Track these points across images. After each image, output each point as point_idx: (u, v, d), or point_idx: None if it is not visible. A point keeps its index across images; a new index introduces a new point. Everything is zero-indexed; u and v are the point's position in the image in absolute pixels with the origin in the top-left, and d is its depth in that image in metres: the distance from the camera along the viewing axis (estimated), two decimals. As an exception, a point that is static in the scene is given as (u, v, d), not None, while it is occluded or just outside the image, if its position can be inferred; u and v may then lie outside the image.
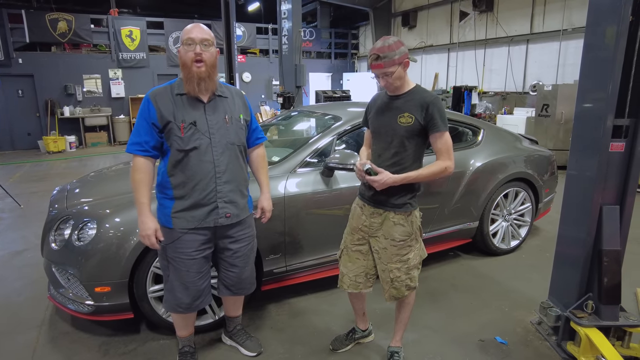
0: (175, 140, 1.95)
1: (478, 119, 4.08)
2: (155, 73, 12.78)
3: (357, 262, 2.25)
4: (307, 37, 15.07)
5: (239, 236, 2.18)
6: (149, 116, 1.95)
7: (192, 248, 2.05)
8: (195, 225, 2.02)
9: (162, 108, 1.94)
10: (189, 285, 2.10)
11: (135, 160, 1.98)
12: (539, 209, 4.03)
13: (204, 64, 1.92)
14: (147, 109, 1.95)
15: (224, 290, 2.29)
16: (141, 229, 1.96)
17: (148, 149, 1.96)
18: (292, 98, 8.66)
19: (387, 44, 1.92)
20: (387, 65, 1.93)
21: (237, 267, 2.22)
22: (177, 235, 2.03)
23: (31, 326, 2.79)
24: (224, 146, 2.03)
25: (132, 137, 1.98)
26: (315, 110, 4.05)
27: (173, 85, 2.02)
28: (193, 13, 15.54)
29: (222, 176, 2.03)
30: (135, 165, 1.97)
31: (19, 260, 3.87)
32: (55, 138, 10.91)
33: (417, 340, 2.61)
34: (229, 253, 2.18)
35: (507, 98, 10.52)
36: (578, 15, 8.92)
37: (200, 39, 1.91)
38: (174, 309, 2.17)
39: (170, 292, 2.13)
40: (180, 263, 2.06)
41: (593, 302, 2.32)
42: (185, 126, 1.94)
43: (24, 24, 10.84)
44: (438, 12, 12.63)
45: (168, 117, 1.94)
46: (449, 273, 3.53)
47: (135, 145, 1.96)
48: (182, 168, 1.98)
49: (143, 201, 1.96)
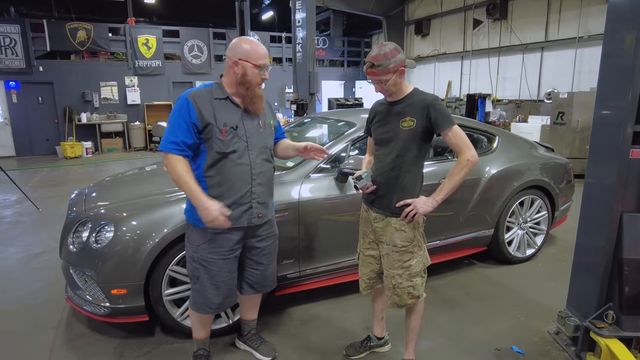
0: (216, 143, 2.00)
1: (493, 126, 4.05)
2: (170, 80, 12.99)
3: (370, 266, 2.29)
4: (320, 46, 15.16)
5: (266, 235, 2.25)
6: (188, 116, 1.96)
7: (226, 247, 2.11)
8: (230, 225, 2.06)
9: (203, 109, 1.98)
10: (221, 285, 2.15)
11: (170, 158, 1.96)
12: (555, 217, 3.97)
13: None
14: (187, 109, 1.96)
15: (247, 288, 2.33)
16: (206, 215, 1.93)
17: (184, 148, 1.98)
18: (305, 105, 8.70)
19: (383, 52, 1.93)
20: (381, 74, 1.95)
21: (263, 265, 2.29)
22: (211, 235, 2.07)
23: (48, 327, 2.83)
24: (259, 150, 2.12)
25: (168, 136, 1.97)
26: (329, 116, 4.06)
27: (210, 89, 2.06)
28: (208, 22, 15.77)
29: (257, 178, 2.11)
30: (172, 162, 1.96)
31: (37, 263, 3.94)
32: (72, 144, 11.12)
33: (432, 349, 2.58)
34: (256, 251, 2.24)
35: (521, 106, 10.42)
36: (594, 23, 8.82)
37: (268, 65, 2.05)
38: (204, 310, 2.20)
39: (200, 293, 2.15)
40: (213, 263, 2.10)
41: (614, 312, 2.27)
42: (227, 130, 2.01)
43: (45, 33, 11.16)
44: (451, 20, 12.61)
45: (209, 119, 1.98)
46: (464, 281, 3.49)
47: (172, 144, 1.96)
48: (219, 169, 2.03)
49: (195, 188, 1.94)
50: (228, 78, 2.06)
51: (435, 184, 2.98)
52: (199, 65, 13.21)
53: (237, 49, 2.01)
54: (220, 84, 2.08)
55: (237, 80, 2.02)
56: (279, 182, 2.78)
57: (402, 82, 2.04)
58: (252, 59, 1.99)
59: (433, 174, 3.11)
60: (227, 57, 2.05)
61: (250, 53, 1.99)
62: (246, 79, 2.01)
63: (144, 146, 12.60)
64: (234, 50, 2.01)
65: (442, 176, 3.14)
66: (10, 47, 10.91)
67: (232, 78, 2.04)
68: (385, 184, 2.10)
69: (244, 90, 2.03)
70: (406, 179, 2.06)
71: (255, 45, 2.02)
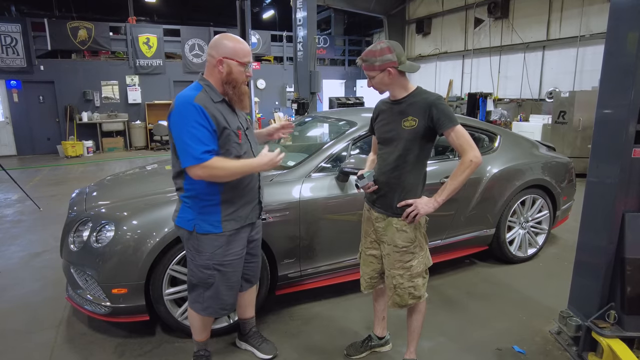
0: (234, 147, 1.98)
1: (495, 125, 4.04)
2: (171, 80, 12.98)
3: (371, 265, 2.28)
4: (321, 45, 15.15)
5: (258, 226, 2.31)
6: (208, 123, 1.87)
7: (241, 246, 2.13)
8: (242, 223, 2.09)
9: (215, 115, 1.90)
10: (234, 285, 2.17)
11: (211, 163, 1.85)
12: (556, 216, 3.96)
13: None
14: (205, 117, 1.86)
15: (245, 284, 2.35)
16: (263, 163, 1.94)
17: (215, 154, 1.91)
18: (306, 104, 8.69)
19: (373, 49, 1.96)
20: (367, 69, 1.99)
21: (257, 257, 2.36)
22: (225, 238, 2.05)
23: (49, 326, 2.83)
24: (256, 146, 2.18)
25: (198, 146, 1.83)
26: (330, 115, 4.06)
27: (205, 92, 1.94)
28: (209, 21, 15.78)
29: (260, 175, 2.19)
30: (214, 165, 1.86)
31: (38, 262, 3.94)
32: (73, 143, 11.13)
33: (433, 348, 2.57)
34: (253, 244, 2.28)
35: (522, 105, 10.39)
36: (596, 21, 8.80)
37: (252, 61, 2.04)
38: (218, 313, 2.21)
39: (214, 298, 2.13)
40: (229, 265, 2.10)
41: (615, 312, 2.26)
42: (242, 132, 2.03)
43: (46, 32, 11.15)
44: (453, 19, 12.59)
45: (223, 123, 1.93)
46: (465, 281, 3.49)
47: (208, 153, 1.85)
48: None
49: (246, 162, 1.97)
50: (213, 78, 1.98)
51: (436, 183, 2.98)
52: (199, 65, 13.20)
53: (221, 47, 1.93)
54: (212, 85, 1.98)
55: (222, 79, 1.95)
56: (279, 182, 2.78)
57: (401, 81, 2.02)
58: (237, 57, 1.94)
59: (434, 174, 3.09)
60: (210, 56, 1.96)
61: (236, 51, 1.93)
62: (232, 77, 1.94)
63: (144, 145, 12.61)
64: (217, 49, 1.93)
65: (443, 175, 3.13)
66: (11, 46, 10.92)
67: (217, 77, 1.96)
68: (387, 184, 2.09)
69: (230, 89, 1.97)
70: (408, 179, 2.05)
71: (239, 43, 1.96)
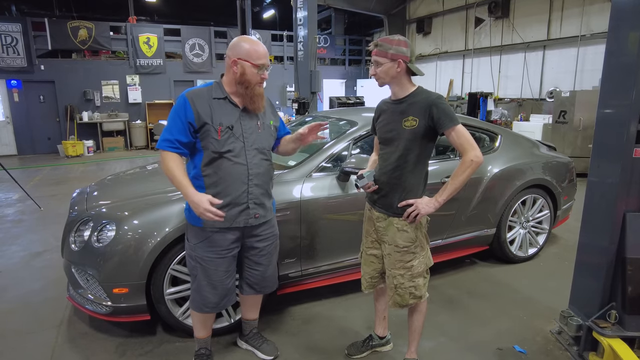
0: (212, 143, 2.01)
1: (495, 125, 4.04)
2: (171, 79, 12.97)
3: (372, 265, 2.28)
4: (321, 44, 15.15)
5: (265, 235, 2.24)
6: (185, 115, 1.99)
7: (223, 247, 2.11)
8: (227, 225, 2.08)
9: (200, 109, 1.99)
10: (217, 285, 2.15)
11: (164, 155, 2.01)
12: (557, 216, 3.96)
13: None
14: (184, 108, 1.99)
15: (247, 289, 2.33)
16: (196, 207, 1.93)
17: (179, 146, 2.01)
18: (307, 104, 8.69)
19: (391, 38, 1.98)
20: (378, 54, 1.98)
21: (262, 265, 2.28)
22: (207, 234, 2.08)
23: (50, 326, 2.83)
24: (256, 150, 2.12)
25: (165, 134, 2.01)
26: (331, 115, 4.05)
27: (210, 88, 2.07)
28: (209, 20, 15.77)
29: (253, 179, 2.10)
30: (165, 158, 2.00)
31: (39, 261, 3.95)
32: (74, 142, 11.13)
33: (433, 348, 2.57)
34: (255, 252, 2.23)
35: (523, 105, 10.38)
36: (597, 21, 8.78)
37: (268, 64, 2.05)
38: (201, 309, 2.20)
39: (198, 292, 2.16)
40: (210, 262, 2.11)
41: (616, 312, 2.26)
42: (223, 129, 2.02)
43: (46, 32, 11.14)
44: (453, 18, 12.57)
45: (205, 118, 1.99)
46: (466, 280, 3.49)
47: (167, 142, 2.00)
48: (216, 168, 2.04)
49: (184, 183, 1.97)
50: (227, 77, 2.08)
51: (437, 183, 2.97)
52: (200, 64, 13.21)
53: (237, 48, 2.01)
54: (220, 84, 2.09)
55: (236, 80, 2.02)
56: (280, 181, 2.77)
57: (402, 78, 2.02)
58: (251, 59, 1.99)
59: (435, 173, 3.09)
60: (227, 56, 2.05)
61: (250, 52, 1.99)
62: (245, 78, 2.01)
63: (145, 145, 12.60)
64: (234, 50, 2.02)
65: (444, 175, 3.13)
66: (11, 46, 10.91)
67: (232, 77, 2.04)
68: (388, 184, 2.09)
69: (242, 90, 2.03)
70: (409, 178, 2.05)
71: (255, 45, 2.01)
